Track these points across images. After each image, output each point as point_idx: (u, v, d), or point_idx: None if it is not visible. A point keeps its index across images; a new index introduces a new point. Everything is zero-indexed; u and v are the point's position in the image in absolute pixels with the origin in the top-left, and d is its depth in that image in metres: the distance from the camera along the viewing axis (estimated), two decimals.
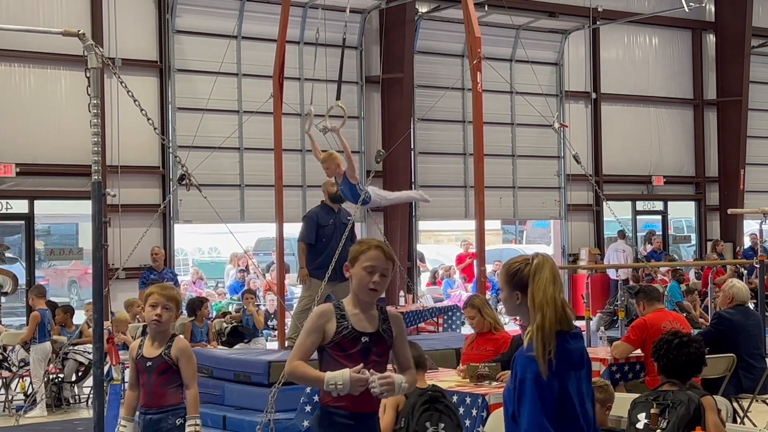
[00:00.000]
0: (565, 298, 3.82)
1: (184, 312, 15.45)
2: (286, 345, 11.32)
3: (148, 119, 8.23)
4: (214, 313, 16.93)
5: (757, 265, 13.80)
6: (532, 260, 3.84)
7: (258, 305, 15.69)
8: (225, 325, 14.39)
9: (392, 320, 4.54)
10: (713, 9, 25.27)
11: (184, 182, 9.20)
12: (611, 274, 20.40)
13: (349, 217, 11.65)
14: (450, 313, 16.24)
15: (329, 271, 10.21)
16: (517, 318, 4.16)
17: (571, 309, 3.85)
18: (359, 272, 4.51)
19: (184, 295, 18.65)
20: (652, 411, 5.48)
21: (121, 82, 7.95)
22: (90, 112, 7.53)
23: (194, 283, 19.72)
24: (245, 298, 14.99)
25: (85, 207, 13.04)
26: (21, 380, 12.69)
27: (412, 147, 20.71)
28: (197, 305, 13.83)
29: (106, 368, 8.14)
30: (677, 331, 6.04)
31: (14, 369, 12.65)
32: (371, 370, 4.30)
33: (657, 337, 8.67)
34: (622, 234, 21.66)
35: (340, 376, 4.26)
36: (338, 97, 12.07)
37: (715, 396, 5.87)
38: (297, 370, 4.39)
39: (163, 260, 16.30)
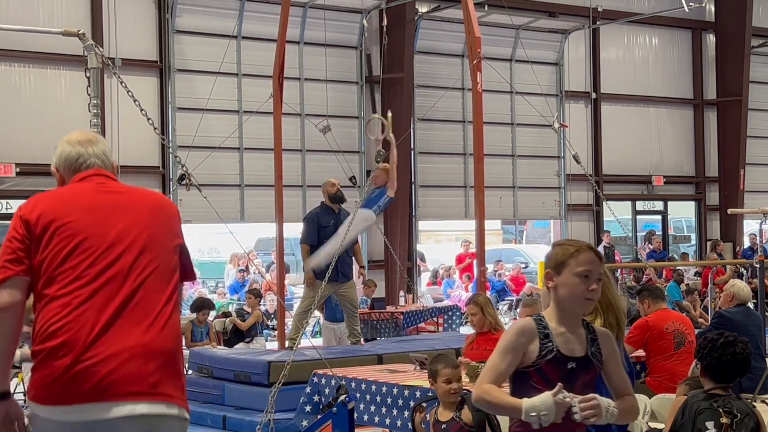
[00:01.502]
0: None
1: (186, 311, 15.49)
2: (287, 345, 11.32)
3: (148, 119, 8.23)
4: (214, 314, 16.92)
5: (757, 265, 13.80)
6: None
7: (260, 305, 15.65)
8: (228, 322, 14.37)
9: (601, 339, 3.85)
10: (713, 9, 25.26)
11: (184, 182, 9.20)
12: None
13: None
14: (450, 313, 16.24)
15: (329, 272, 10.22)
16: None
17: None
18: (570, 280, 3.76)
19: (184, 295, 18.63)
20: (723, 420, 5.27)
21: (121, 82, 7.95)
22: (90, 112, 7.54)
23: (194, 283, 19.72)
24: (248, 297, 14.95)
25: None
26: (20, 373, 12.69)
27: (412, 147, 20.70)
28: (202, 306, 13.84)
29: None
30: (723, 330, 5.91)
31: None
32: (572, 393, 3.63)
33: (659, 338, 8.71)
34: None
35: (542, 404, 3.58)
36: (375, 110, 12.13)
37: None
38: (488, 395, 3.71)
39: None
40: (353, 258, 12.03)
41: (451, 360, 6.31)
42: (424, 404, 6.53)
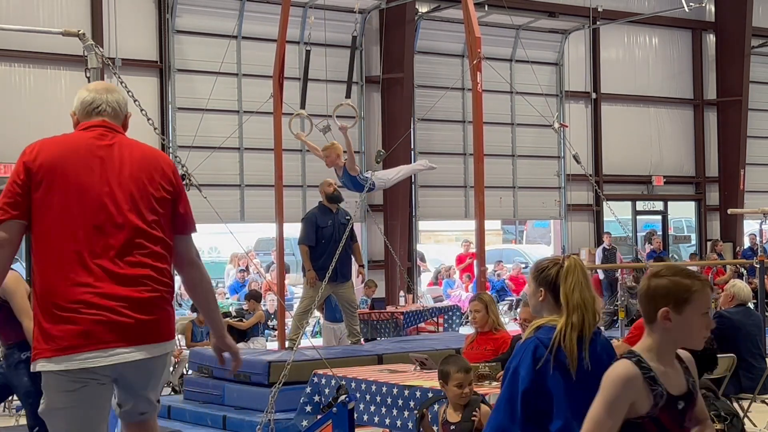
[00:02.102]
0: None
1: (186, 312, 15.48)
2: (287, 345, 11.33)
3: (148, 119, 8.23)
4: None
5: (757, 265, 13.81)
6: (562, 261, 3.98)
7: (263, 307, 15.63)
8: (229, 319, 14.34)
9: (690, 366, 3.54)
10: (713, 9, 25.26)
11: (184, 182, 9.17)
12: (600, 273, 20.49)
13: (347, 217, 11.67)
14: (450, 313, 16.24)
15: (329, 272, 10.22)
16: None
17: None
18: (695, 320, 3.39)
19: (185, 295, 18.67)
20: (717, 427, 5.15)
21: (121, 82, 7.94)
22: None
23: None
24: (247, 301, 14.94)
25: None
26: None
27: (412, 147, 20.70)
28: None
29: None
30: None
31: None
32: None
33: None
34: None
35: None
36: (348, 95, 12.23)
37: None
38: None
39: None
40: (352, 257, 12.03)
41: (463, 363, 6.27)
42: (434, 405, 6.51)
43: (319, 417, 7.40)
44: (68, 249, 3.95)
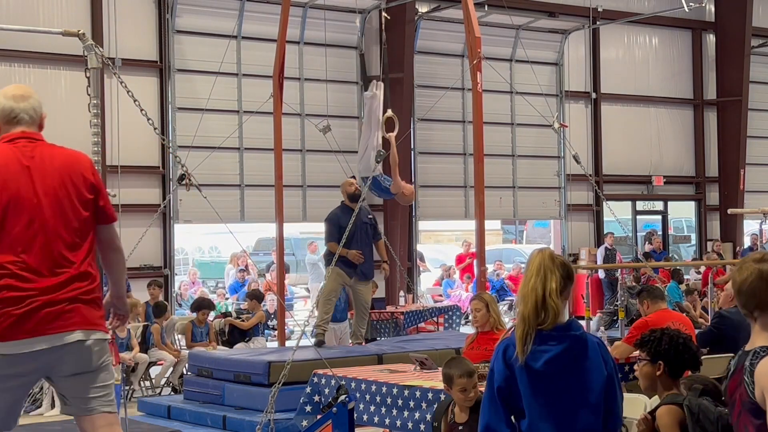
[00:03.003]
0: (554, 291, 3.87)
1: (186, 312, 15.47)
2: (315, 335, 11.31)
3: (148, 119, 8.24)
4: (214, 314, 16.93)
5: None
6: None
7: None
8: (223, 323, 14.35)
9: None
10: (713, 9, 25.26)
11: (184, 182, 9.20)
12: (600, 273, 20.49)
13: (369, 216, 11.72)
14: (450, 313, 16.25)
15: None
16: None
17: (555, 302, 3.88)
18: None
19: (185, 295, 18.65)
20: None
21: (121, 82, 7.95)
22: (90, 112, 7.54)
23: (193, 283, 19.73)
24: (248, 301, 14.95)
25: None
26: None
27: (412, 147, 20.70)
28: (202, 305, 13.85)
29: None
30: (665, 329, 5.80)
31: None
32: None
33: None
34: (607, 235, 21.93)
35: None
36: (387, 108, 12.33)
37: None
38: None
39: None
40: (377, 252, 12.09)
41: (466, 367, 6.12)
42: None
43: (319, 417, 7.40)
44: (7, 259, 4.36)
